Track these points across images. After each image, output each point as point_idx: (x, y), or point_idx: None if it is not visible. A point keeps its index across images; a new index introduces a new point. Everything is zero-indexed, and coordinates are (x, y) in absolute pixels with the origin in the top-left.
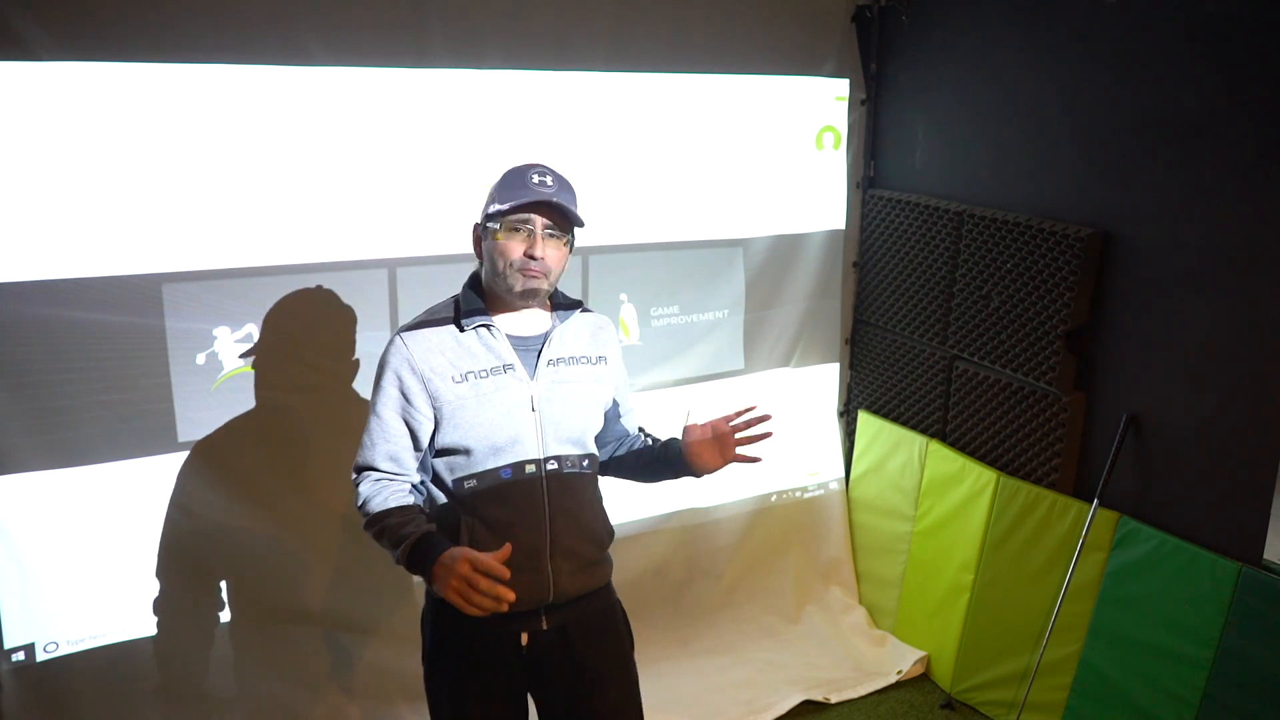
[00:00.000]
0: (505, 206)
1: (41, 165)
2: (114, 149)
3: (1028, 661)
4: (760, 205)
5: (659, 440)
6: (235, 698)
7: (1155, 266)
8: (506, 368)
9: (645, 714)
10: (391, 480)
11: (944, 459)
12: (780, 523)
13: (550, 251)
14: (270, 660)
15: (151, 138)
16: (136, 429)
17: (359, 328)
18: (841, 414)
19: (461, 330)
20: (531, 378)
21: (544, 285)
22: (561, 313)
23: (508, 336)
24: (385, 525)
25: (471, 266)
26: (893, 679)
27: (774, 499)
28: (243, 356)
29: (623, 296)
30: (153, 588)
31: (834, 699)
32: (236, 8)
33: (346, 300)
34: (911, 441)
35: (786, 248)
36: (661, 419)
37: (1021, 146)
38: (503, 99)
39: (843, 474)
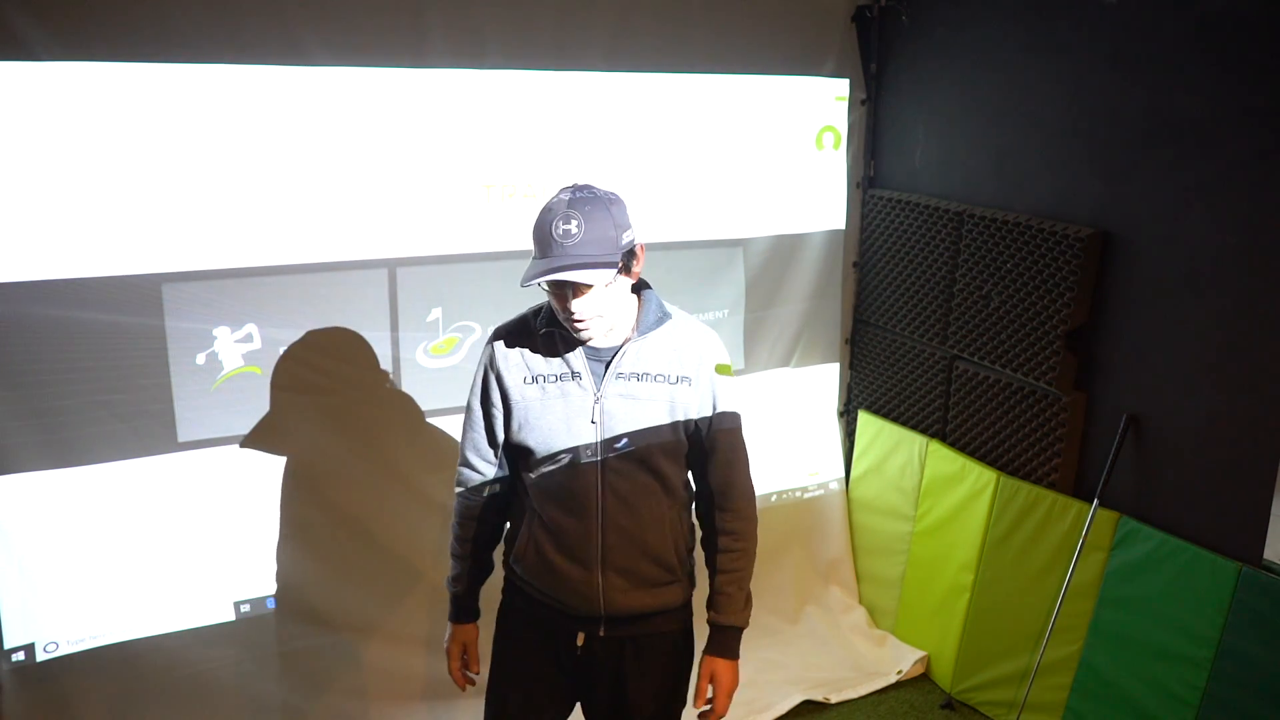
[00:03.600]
0: (530, 277)
1: (41, 165)
2: (114, 149)
3: (1028, 661)
4: (760, 205)
5: (715, 563)
6: (236, 698)
7: (1155, 266)
8: (575, 375)
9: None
10: (469, 497)
11: (944, 459)
12: (780, 523)
13: (593, 299)
14: (271, 660)
15: (151, 138)
16: (136, 429)
17: (358, 328)
18: (841, 414)
19: (538, 332)
20: (598, 389)
21: (599, 326)
22: (645, 325)
23: (584, 346)
24: (454, 550)
25: (471, 267)
26: (893, 679)
27: (774, 499)
28: (244, 356)
29: None
30: (153, 588)
31: (834, 699)
32: (236, 8)
33: (346, 300)
34: (911, 441)
35: (786, 248)
36: None
37: (1021, 146)
38: (503, 99)
39: (843, 474)
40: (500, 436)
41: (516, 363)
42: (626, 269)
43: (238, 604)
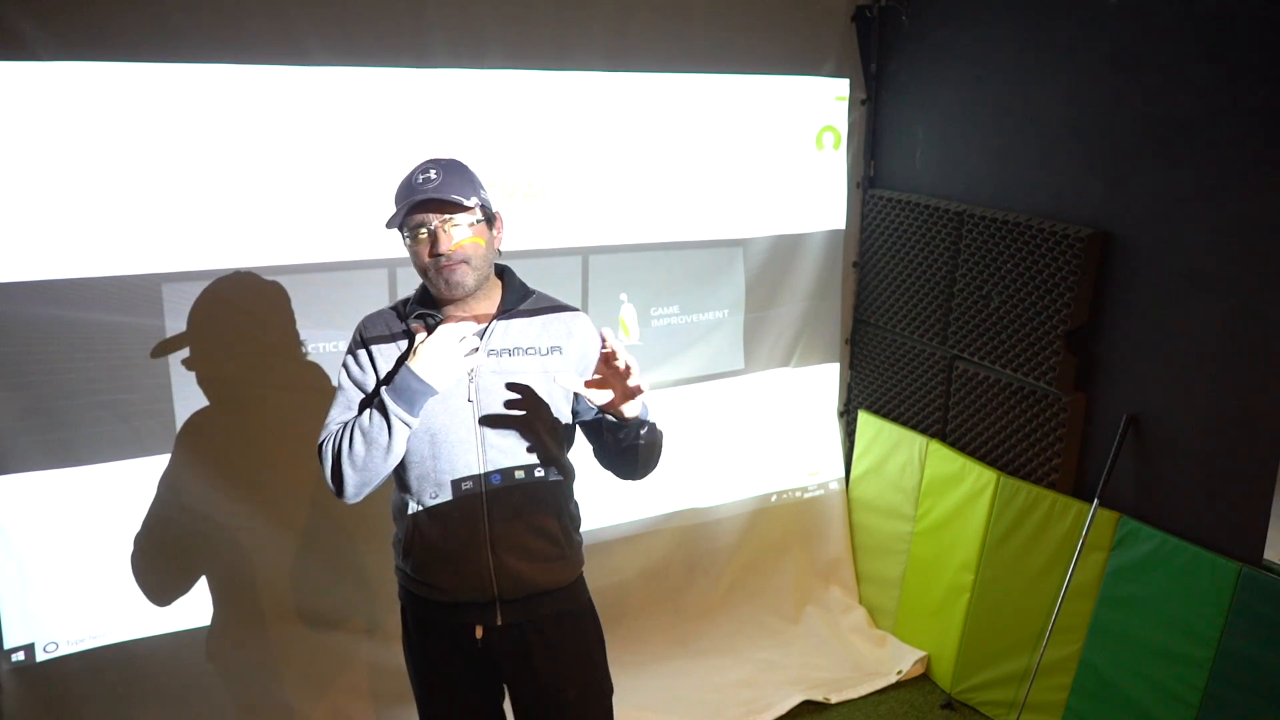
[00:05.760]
0: (396, 215)
1: (41, 165)
2: (114, 149)
3: (1028, 661)
4: (760, 205)
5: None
6: (235, 698)
7: (1155, 266)
8: None
9: (645, 714)
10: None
11: (944, 459)
12: (780, 523)
13: (460, 236)
14: (270, 660)
15: (151, 138)
16: (136, 429)
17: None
18: (841, 414)
19: (406, 322)
20: (472, 368)
21: (467, 272)
22: (510, 301)
23: None
24: (350, 426)
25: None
26: (893, 679)
27: (774, 499)
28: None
29: (623, 296)
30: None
31: (834, 699)
32: (236, 8)
33: (347, 300)
34: (911, 441)
35: (786, 248)
36: (661, 419)
37: (1021, 146)
38: (503, 99)
39: (843, 474)
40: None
41: (388, 347)
42: (489, 222)
43: (236, 603)
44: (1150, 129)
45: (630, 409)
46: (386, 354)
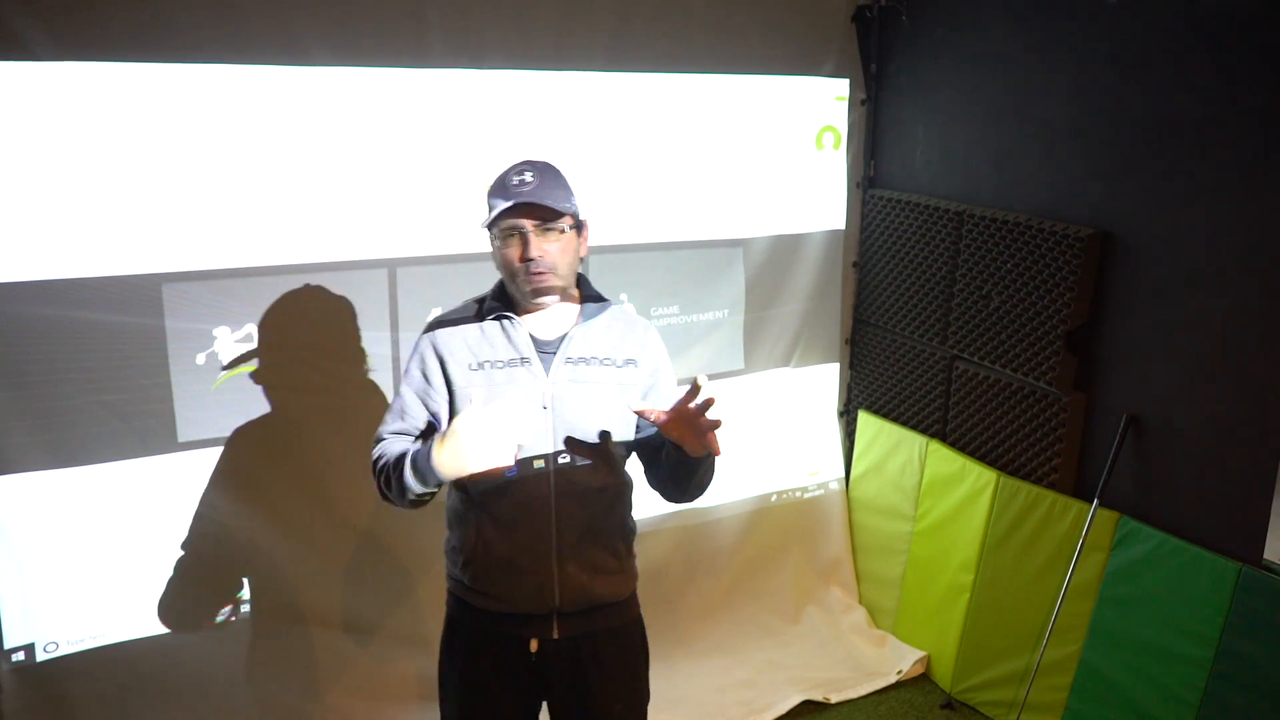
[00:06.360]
0: (490, 217)
1: (41, 165)
2: (114, 149)
3: (1028, 661)
4: (760, 205)
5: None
6: (236, 698)
7: (1155, 266)
8: (523, 361)
9: (646, 714)
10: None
11: (944, 459)
12: (780, 523)
13: (550, 247)
14: (271, 660)
15: (151, 138)
16: (136, 429)
17: (360, 328)
18: (841, 414)
19: (483, 320)
20: (547, 375)
21: (553, 283)
22: (588, 310)
23: (531, 335)
24: (388, 464)
25: (470, 267)
26: (893, 679)
27: (774, 499)
28: (242, 358)
29: (623, 296)
30: (153, 587)
31: (834, 699)
32: (236, 8)
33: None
34: (911, 441)
35: (786, 248)
36: None
37: (1021, 146)
38: (503, 99)
39: (843, 474)
40: (423, 423)
41: (460, 349)
42: (578, 230)
43: (237, 604)
44: (1150, 129)
45: (698, 449)
46: (460, 340)
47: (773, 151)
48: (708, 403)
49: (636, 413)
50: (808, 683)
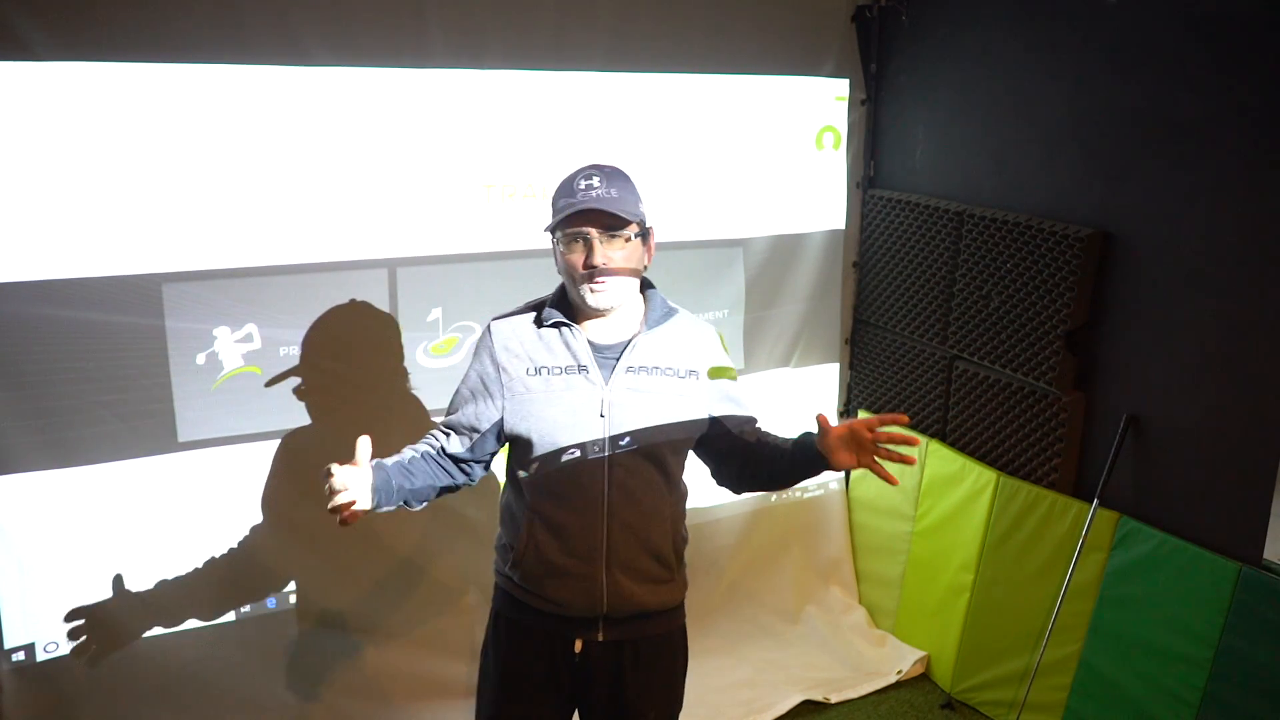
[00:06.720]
0: (555, 220)
1: (41, 165)
2: (114, 149)
3: (1028, 661)
4: (760, 205)
5: (786, 440)
6: (236, 698)
7: (1155, 266)
8: (581, 369)
9: None
10: (432, 441)
11: (944, 459)
12: (780, 523)
13: (615, 254)
14: (272, 660)
15: (151, 138)
16: (136, 429)
17: (359, 328)
18: (842, 414)
19: (541, 327)
20: (606, 383)
21: (616, 291)
22: (653, 319)
23: (590, 341)
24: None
25: (471, 266)
26: (893, 679)
27: (774, 499)
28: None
29: None
30: (153, 588)
31: (834, 699)
32: (236, 8)
33: (346, 300)
34: None
35: (786, 248)
36: None
37: (1021, 146)
38: (503, 99)
39: (843, 474)
40: (483, 426)
41: (519, 353)
42: (644, 238)
43: (238, 604)
44: (1150, 129)
45: (848, 465)
46: (519, 344)
47: (773, 151)
48: (893, 438)
49: (820, 420)
50: (808, 683)
